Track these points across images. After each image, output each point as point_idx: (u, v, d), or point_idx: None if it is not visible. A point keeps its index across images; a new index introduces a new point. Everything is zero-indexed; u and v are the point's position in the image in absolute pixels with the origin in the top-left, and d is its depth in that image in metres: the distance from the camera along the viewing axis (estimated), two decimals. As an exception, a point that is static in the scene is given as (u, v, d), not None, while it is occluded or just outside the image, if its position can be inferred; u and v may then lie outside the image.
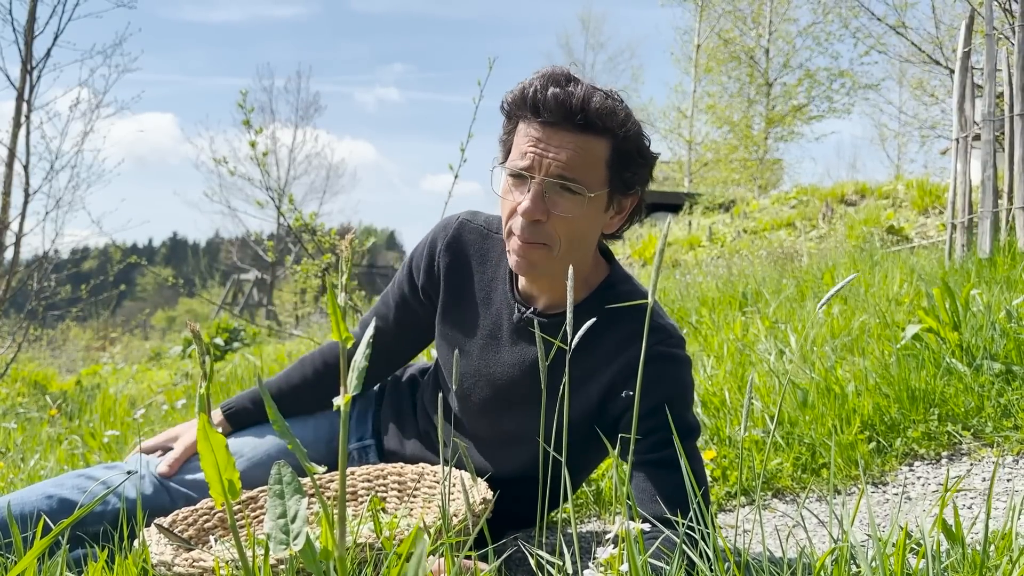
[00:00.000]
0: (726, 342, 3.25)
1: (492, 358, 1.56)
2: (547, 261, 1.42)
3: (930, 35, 12.72)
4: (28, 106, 7.45)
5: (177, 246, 60.35)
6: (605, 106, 1.36)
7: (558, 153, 1.35)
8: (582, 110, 1.34)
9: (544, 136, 1.36)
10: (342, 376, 0.72)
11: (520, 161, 1.38)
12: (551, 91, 1.34)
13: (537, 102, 1.36)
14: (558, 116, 1.35)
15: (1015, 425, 2.09)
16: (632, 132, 1.40)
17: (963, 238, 4.30)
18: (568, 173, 1.36)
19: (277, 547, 0.72)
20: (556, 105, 1.34)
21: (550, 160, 1.36)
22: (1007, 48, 4.35)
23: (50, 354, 12.84)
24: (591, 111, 1.34)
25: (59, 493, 1.55)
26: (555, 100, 1.34)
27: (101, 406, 4.92)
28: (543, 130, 1.36)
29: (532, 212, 1.37)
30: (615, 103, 1.38)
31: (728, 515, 1.97)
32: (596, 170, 1.38)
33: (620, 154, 1.40)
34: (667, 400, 1.40)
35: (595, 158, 1.38)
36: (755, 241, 9.48)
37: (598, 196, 1.39)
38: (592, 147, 1.37)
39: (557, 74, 1.37)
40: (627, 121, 1.39)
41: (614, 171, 1.40)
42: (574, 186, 1.36)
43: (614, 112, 1.37)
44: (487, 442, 1.61)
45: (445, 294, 1.61)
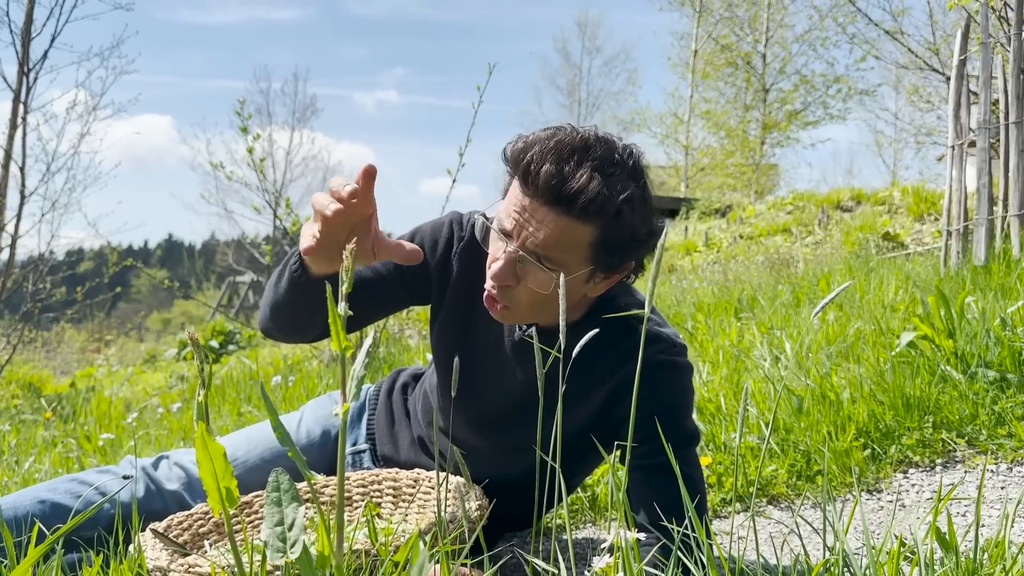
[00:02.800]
0: (722, 348, 3.26)
1: (493, 371, 1.55)
2: (511, 318, 1.40)
3: (927, 41, 12.78)
4: (25, 108, 7.44)
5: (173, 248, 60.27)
6: (601, 194, 1.27)
7: (537, 230, 1.29)
8: (570, 199, 1.26)
9: (529, 208, 1.30)
10: (341, 385, 0.72)
11: (504, 222, 1.33)
12: (545, 168, 1.26)
13: (528, 174, 1.28)
14: (544, 196, 1.28)
15: (1009, 433, 2.10)
16: (626, 219, 1.31)
17: (958, 245, 4.31)
18: (543, 251, 1.30)
19: (274, 555, 0.72)
20: (546, 186, 1.27)
21: (528, 234, 1.30)
22: (1003, 56, 4.37)
23: (45, 356, 12.82)
24: (579, 201, 1.26)
25: (52, 498, 1.55)
26: (546, 179, 1.26)
27: (96, 409, 4.91)
28: (529, 200, 1.30)
29: (500, 278, 1.33)
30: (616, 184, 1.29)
31: (723, 522, 1.97)
32: (577, 251, 1.32)
33: (607, 241, 1.32)
34: (668, 407, 1.40)
35: (577, 242, 1.31)
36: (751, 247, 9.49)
37: (576, 276, 1.34)
38: (575, 231, 1.29)
39: (561, 147, 1.28)
40: (622, 207, 1.29)
41: (599, 253, 1.33)
42: (547, 264, 1.31)
43: (609, 200, 1.28)
44: (485, 450, 1.61)
45: (449, 300, 1.57)
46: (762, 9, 19.96)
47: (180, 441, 3.39)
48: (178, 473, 1.69)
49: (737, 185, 19.43)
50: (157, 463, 1.72)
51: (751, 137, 20.16)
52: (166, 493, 1.66)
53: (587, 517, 2.07)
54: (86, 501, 1.55)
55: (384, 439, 1.78)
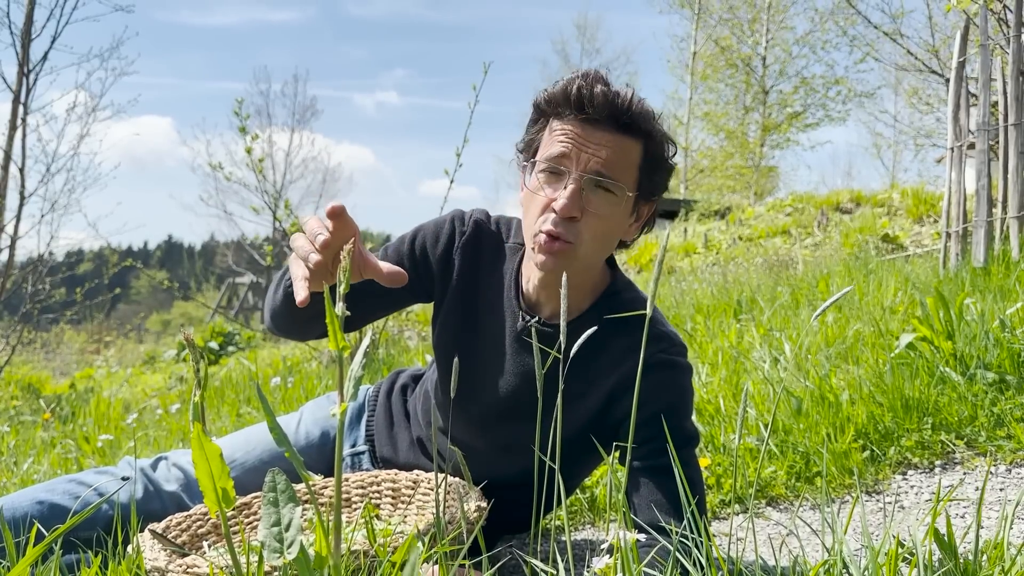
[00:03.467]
0: (721, 350, 3.26)
1: (494, 366, 1.55)
2: (570, 260, 1.39)
3: (926, 43, 12.79)
4: (24, 109, 7.45)
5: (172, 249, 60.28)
6: (645, 109, 1.37)
7: (598, 150, 1.35)
8: (627, 110, 1.34)
9: (584, 132, 1.35)
10: (339, 386, 0.72)
11: (557, 152, 1.36)
12: (599, 88, 1.34)
13: (583, 98, 1.35)
14: (603, 113, 1.34)
15: (1008, 434, 2.10)
16: (662, 137, 1.41)
17: (957, 247, 4.31)
18: (607, 171, 1.35)
19: (271, 555, 0.72)
20: (604, 102, 1.34)
21: (589, 155, 1.35)
22: (1002, 58, 4.38)
23: (44, 357, 12.82)
24: (635, 112, 1.35)
25: (50, 499, 1.55)
26: (603, 97, 1.34)
27: (95, 410, 4.90)
28: (582, 126, 1.36)
29: (569, 208, 1.34)
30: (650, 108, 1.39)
31: (722, 523, 1.97)
32: (630, 171, 1.38)
33: (651, 158, 1.40)
34: (668, 407, 1.40)
35: (630, 159, 1.38)
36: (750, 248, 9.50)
37: (629, 198, 1.39)
38: (629, 148, 1.37)
39: (598, 74, 1.38)
40: (660, 125, 1.41)
41: (644, 174, 1.40)
42: (612, 184, 1.35)
43: (652, 115, 1.38)
44: (484, 449, 1.60)
45: (451, 296, 1.57)
46: (762, 11, 19.98)
47: (179, 442, 3.39)
48: (176, 474, 1.69)
49: (736, 187, 19.45)
50: (156, 464, 1.72)
51: (750, 139, 20.17)
52: (164, 494, 1.66)
53: (586, 518, 2.07)
54: (84, 502, 1.55)
55: (383, 440, 1.78)
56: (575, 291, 1.47)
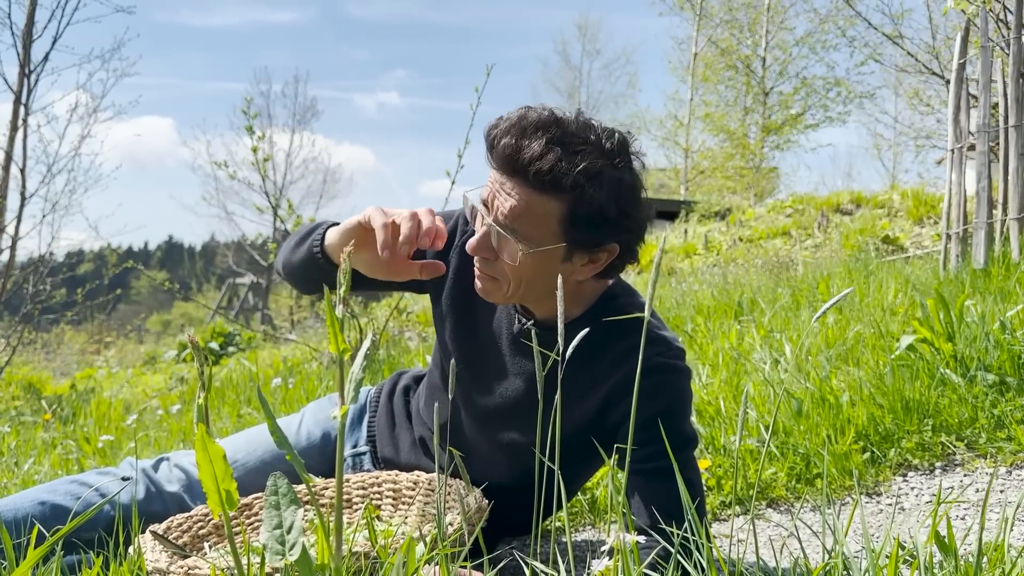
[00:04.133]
0: (721, 351, 3.26)
1: (492, 368, 1.55)
2: (497, 293, 1.41)
3: (926, 45, 12.79)
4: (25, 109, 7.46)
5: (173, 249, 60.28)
6: (556, 169, 1.28)
7: (505, 200, 1.32)
8: (527, 167, 1.29)
9: (500, 180, 1.34)
10: (339, 388, 0.72)
11: (481, 195, 1.38)
12: (503, 141, 1.30)
13: (492, 146, 1.33)
14: (504, 167, 1.32)
15: (1008, 436, 2.10)
16: (589, 194, 1.30)
17: (958, 248, 4.31)
18: (510, 223, 1.32)
19: (273, 557, 0.72)
20: (503, 158, 1.31)
21: (499, 204, 1.33)
22: (1002, 59, 4.38)
23: (44, 357, 12.82)
24: (536, 171, 1.28)
25: (52, 499, 1.55)
26: (504, 152, 1.30)
27: (95, 411, 4.91)
28: (497, 173, 1.34)
29: (474, 248, 1.37)
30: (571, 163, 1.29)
31: (723, 524, 1.97)
32: (544, 225, 1.32)
33: (574, 216, 1.32)
34: (666, 410, 1.40)
35: (543, 214, 1.32)
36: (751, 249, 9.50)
37: (549, 250, 1.34)
38: (540, 204, 1.31)
39: (525, 122, 1.31)
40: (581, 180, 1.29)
41: (570, 229, 1.33)
42: (514, 237, 1.33)
43: (567, 174, 1.28)
44: (484, 450, 1.61)
45: (447, 295, 1.58)
46: (762, 13, 19.98)
47: (180, 443, 3.39)
48: (178, 475, 1.69)
49: (737, 188, 19.43)
50: (157, 465, 1.72)
51: (751, 140, 20.17)
52: (166, 495, 1.66)
53: (587, 520, 2.07)
54: (85, 503, 1.55)
55: (385, 441, 1.78)
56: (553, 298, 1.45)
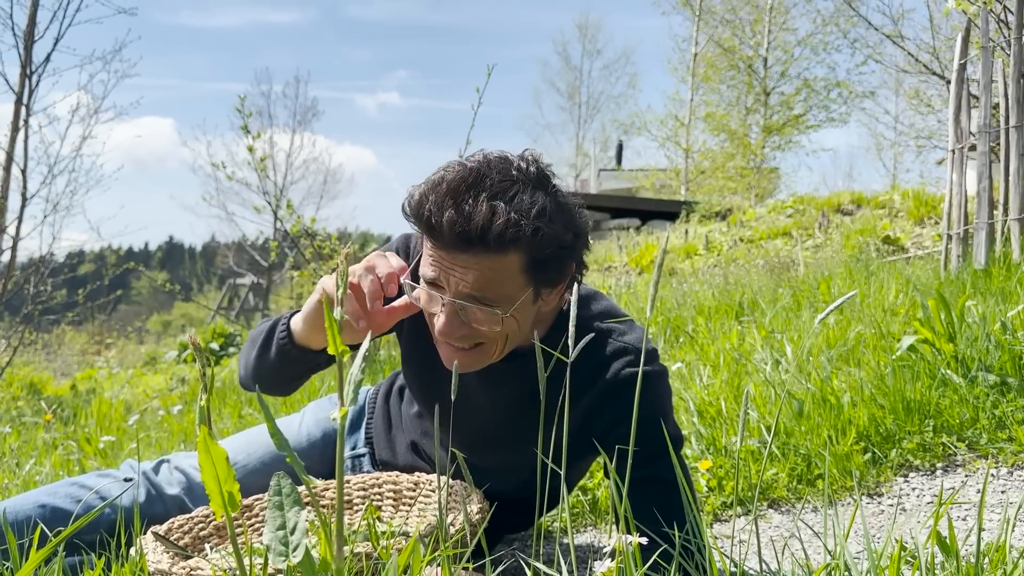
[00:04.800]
0: (722, 351, 3.26)
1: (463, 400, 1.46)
2: (485, 357, 1.35)
3: (927, 45, 12.78)
4: (27, 110, 7.46)
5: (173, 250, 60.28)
6: (509, 223, 1.21)
7: (464, 274, 1.24)
8: (481, 238, 1.20)
9: (448, 256, 1.25)
10: (338, 390, 0.72)
11: (429, 274, 1.28)
12: (447, 215, 1.20)
13: (433, 227, 1.23)
14: (458, 244, 1.22)
15: (1009, 437, 2.10)
16: (546, 233, 1.24)
17: (958, 249, 4.31)
18: (478, 293, 1.25)
19: (276, 558, 0.72)
20: (454, 235, 1.21)
21: (457, 280, 1.25)
22: (1003, 60, 4.38)
23: (45, 358, 12.82)
24: (490, 237, 1.20)
25: (52, 502, 1.55)
26: (449, 226, 1.21)
27: (96, 411, 4.91)
28: (446, 252, 1.25)
29: (449, 332, 1.29)
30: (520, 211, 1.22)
31: (724, 525, 1.97)
32: (511, 280, 1.27)
33: (537, 261, 1.27)
34: (645, 418, 1.36)
35: (508, 273, 1.26)
36: (751, 250, 9.49)
37: (521, 300, 1.29)
38: (501, 265, 1.25)
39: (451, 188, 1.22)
40: (538, 224, 1.23)
41: (533, 275, 1.29)
42: (487, 303, 1.27)
43: (518, 225, 1.21)
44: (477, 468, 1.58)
45: (408, 331, 1.54)
46: (764, 13, 19.97)
47: (181, 444, 3.39)
48: (179, 477, 1.70)
49: (737, 188, 19.41)
50: (157, 467, 1.72)
51: (752, 140, 20.16)
52: (167, 497, 1.66)
53: (588, 520, 2.07)
54: (86, 505, 1.55)
55: (382, 443, 1.78)
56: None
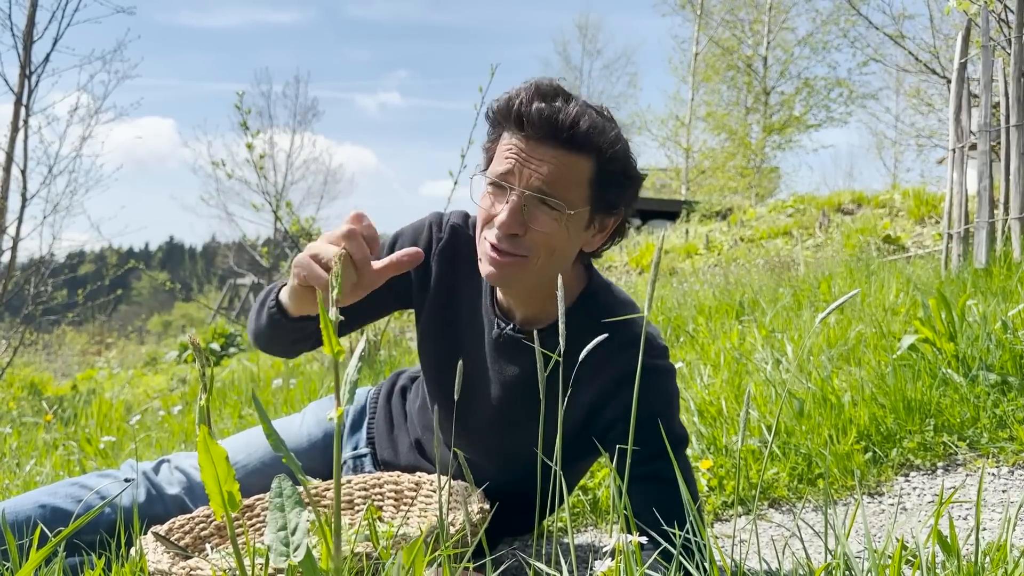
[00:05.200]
0: (723, 351, 3.26)
1: (477, 376, 1.52)
2: (522, 274, 1.36)
3: (927, 45, 12.77)
4: (26, 111, 7.46)
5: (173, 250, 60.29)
6: (595, 125, 1.31)
7: (539, 166, 1.31)
8: (570, 128, 1.30)
9: (527, 148, 1.32)
10: (335, 390, 0.72)
11: (499, 169, 1.33)
12: (536, 106, 1.30)
13: (521, 115, 1.31)
14: (543, 132, 1.30)
15: (1011, 436, 2.10)
16: (619, 153, 1.35)
17: (959, 248, 4.31)
18: (548, 188, 1.31)
19: (278, 559, 0.72)
20: (541, 121, 1.30)
21: (531, 172, 1.31)
22: (1003, 59, 4.37)
23: (45, 358, 12.82)
24: (579, 130, 1.30)
25: (52, 502, 1.55)
26: (539, 115, 1.30)
27: (97, 411, 4.90)
28: (526, 142, 1.32)
29: (509, 225, 1.32)
30: (605, 122, 1.34)
31: (725, 525, 1.97)
32: (578, 188, 1.33)
33: (605, 174, 1.35)
34: (652, 413, 1.38)
35: (578, 176, 1.33)
36: (752, 249, 9.49)
37: (578, 214, 1.34)
38: (576, 165, 1.32)
39: (545, 88, 1.33)
40: (616, 141, 1.34)
41: (597, 190, 1.35)
42: (553, 202, 1.31)
43: (603, 131, 1.32)
44: (477, 457, 1.59)
45: (429, 304, 1.56)
46: (764, 12, 19.97)
47: (181, 444, 3.39)
48: (179, 477, 1.70)
49: (738, 188, 19.41)
50: (158, 467, 1.72)
51: (752, 140, 20.16)
52: (167, 497, 1.66)
53: (588, 520, 2.07)
54: (86, 505, 1.55)
55: (384, 443, 1.78)
56: (544, 299, 1.44)
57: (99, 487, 1.60)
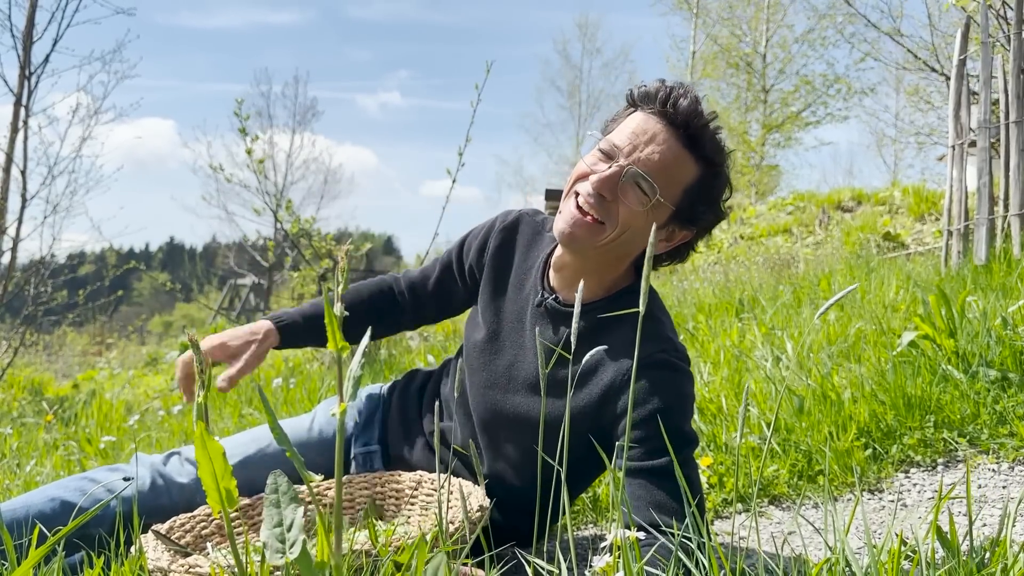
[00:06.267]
0: (723, 348, 3.26)
1: (513, 339, 1.60)
2: (593, 239, 1.44)
3: (926, 42, 12.76)
4: (26, 111, 7.46)
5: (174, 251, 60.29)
6: (721, 139, 1.43)
7: (653, 152, 1.39)
8: (699, 132, 1.40)
9: (654, 131, 1.41)
10: (338, 386, 0.72)
11: (618, 141, 1.42)
12: (690, 97, 1.41)
13: (670, 97, 1.41)
14: (680, 118, 1.40)
15: (1011, 432, 2.09)
16: (724, 175, 1.46)
17: (959, 245, 4.31)
18: (651, 172, 1.39)
19: (274, 555, 0.72)
20: (684, 112, 1.40)
21: (642, 153, 1.40)
22: (1003, 55, 4.37)
23: (46, 359, 12.82)
24: (707, 133, 1.41)
25: (62, 495, 1.58)
26: (686, 107, 1.40)
27: (97, 412, 4.91)
28: (657, 125, 1.41)
29: (602, 185, 1.40)
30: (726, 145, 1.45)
31: (725, 522, 1.97)
32: (676, 186, 1.42)
33: (704, 187, 1.44)
34: (665, 408, 1.39)
35: (682, 176, 1.42)
36: (752, 247, 9.49)
37: (663, 208, 1.42)
38: (686, 164, 1.42)
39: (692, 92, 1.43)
40: (727, 163, 1.46)
41: (688, 197, 1.44)
42: (648, 186, 1.39)
43: (723, 149, 1.44)
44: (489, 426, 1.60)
45: (487, 273, 1.67)
46: (761, 10, 19.96)
47: (181, 444, 3.39)
48: (188, 469, 1.71)
49: (738, 185, 19.39)
50: (168, 459, 1.73)
51: (752, 138, 20.15)
52: (174, 488, 1.67)
53: (588, 518, 2.07)
54: (92, 499, 1.57)
55: (397, 440, 1.79)
56: (588, 275, 1.50)
57: (108, 481, 1.61)
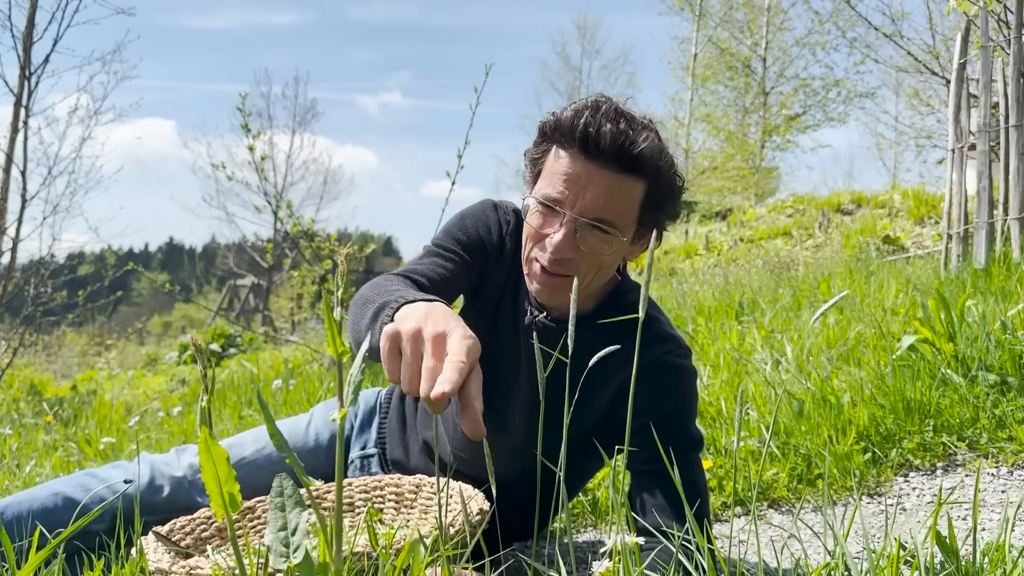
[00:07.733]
0: (722, 351, 3.26)
1: (506, 357, 1.55)
2: (569, 291, 1.36)
3: (926, 45, 12.78)
4: (26, 112, 7.46)
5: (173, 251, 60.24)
6: (654, 148, 1.31)
7: (596, 195, 1.30)
8: (635, 152, 1.29)
9: (584, 172, 1.30)
10: (338, 391, 0.72)
11: (553, 193, 1.32)
12: (607, 127, 1.28)
13: (588, 136, 1.29)
14: (609, 155, 1.29)
15: (1010, 436, 2.10)
16: (669, 171, 1.36)
17: (959, 248, 4.31)
18: (605, 215, 1.31)
19: (277, 559, 0.72)
20: (611, 144, 1.28)
21: (586, 200, 1.31)
22: (1003, 59, 4.38)
23: (45, 359, 12.82)
24: (643, 154, 1.29)
25: (65, 491, 1.58)
26: (611, 138, 1.28)
27: (97, 412, 4.91)
28: (584, 165, 1.30)
29: (563, 250, 1.32)
30: (659, 142, 1.34)
31: (723, 525, 1.97)
32: (630, 211, 1.35)
33: (657, 195, 1.36)
34: (674, 411, 1.39)
35: (632, 199, 1.34)
36: (751, 250, 9.50)
37: (625, 231, 1.36)
38: (631, 188, 1.33)
39: (608, 108, 1.31)
40: (670, 163, 1.35)
41: (646, 211, 1.37)
42: (608, 228, 1.32)
43: (661, 154, 1.32)
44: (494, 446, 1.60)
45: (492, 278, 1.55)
46: (761, 13, 19.96)
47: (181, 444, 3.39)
48: (184, 462, 1.71)
49: (737, 188, 19.41)
50: (173, 456, 1.74)
51: (751, 140, 20.16)
52: (174, 482, 1.67)
53: (588, 521, 2.07)
54: (96, 497, 1.57)
55: (395, 443, 1.78)
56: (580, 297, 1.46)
57: (111, 478, 1.62)
